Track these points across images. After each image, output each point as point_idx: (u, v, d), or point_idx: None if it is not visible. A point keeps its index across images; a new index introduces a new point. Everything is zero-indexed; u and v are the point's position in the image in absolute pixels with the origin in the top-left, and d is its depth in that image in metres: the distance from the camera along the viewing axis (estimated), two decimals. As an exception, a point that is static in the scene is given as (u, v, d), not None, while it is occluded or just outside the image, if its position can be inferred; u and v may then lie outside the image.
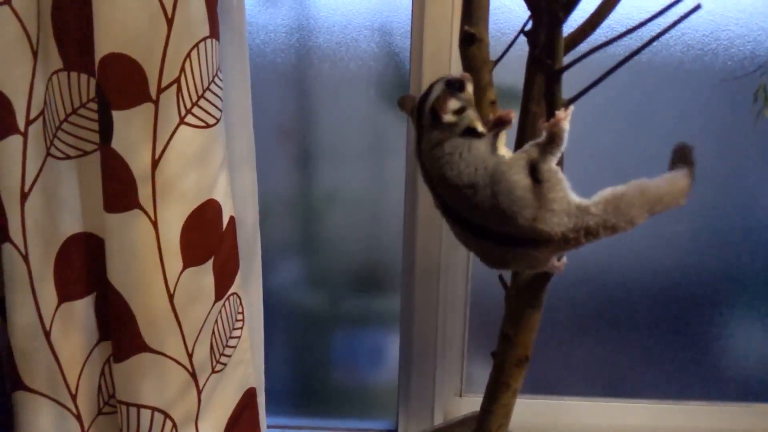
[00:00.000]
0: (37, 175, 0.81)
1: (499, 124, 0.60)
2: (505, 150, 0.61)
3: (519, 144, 0.66)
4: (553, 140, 0.57)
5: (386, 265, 1.19)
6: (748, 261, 1.17)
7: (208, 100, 0.81)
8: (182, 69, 0.78)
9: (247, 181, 0.94)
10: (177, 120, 0.79)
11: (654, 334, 1.20)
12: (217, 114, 0.82)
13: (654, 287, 1.18)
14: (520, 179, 0.57)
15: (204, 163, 0.82)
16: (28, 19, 0.78)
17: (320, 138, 1.13)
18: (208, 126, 0.81)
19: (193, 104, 0.80)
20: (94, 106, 0.82)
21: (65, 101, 0.82)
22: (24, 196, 0.80)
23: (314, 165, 1.14)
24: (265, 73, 1.07)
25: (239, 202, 0.92)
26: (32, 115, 0.80)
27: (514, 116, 0.61)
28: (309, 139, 1.13)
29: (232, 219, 0.88)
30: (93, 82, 0.82)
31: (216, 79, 0.82)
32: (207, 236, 0.84)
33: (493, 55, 0.69)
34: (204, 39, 0.79)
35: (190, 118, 0.80)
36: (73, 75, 0.82)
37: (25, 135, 0.79)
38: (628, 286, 1.18)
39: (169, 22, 0.76)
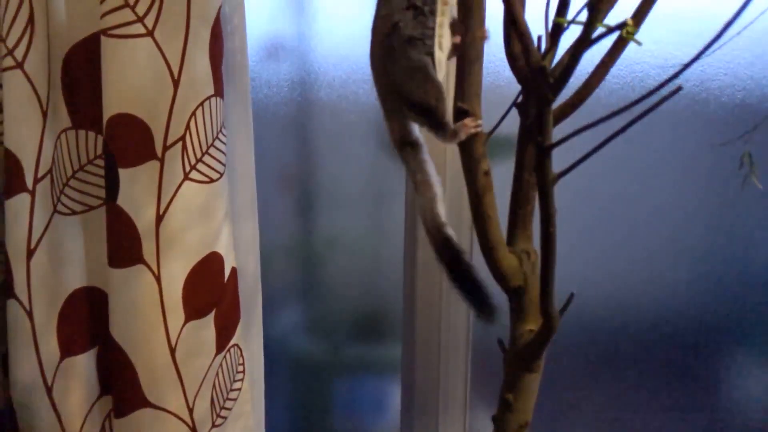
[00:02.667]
0: (44, 232, 0.82)
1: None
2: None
3: (513, 213, 0.68)
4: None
5: (387, 313, 1.19)
6: (747, 307, 1.17)
7: (212, 156, 0.83)
8: (187, 127, 0.80)
9: (248, 232, 0.95)
10: (182, 176, 0.81)
11: (656, 382, 1.20)
12: (220, 169, 0.84)
13: (655, 335, 1.18)
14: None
15: (207, 217, 0.83)
16: (39, 81, 0.80)
17: (321, 187, 1.15)
18: (211, 181, 0.83)
19: (198, 160, 0.82)
20: (100, 162, 0.84)
21: (73, 158, 0.84)
22: (30, 253, 0.81)
23: (315, 213, 1.16)
24: (267, 125, 1.10)
25: (241, 252, 0.93)
26: (40, 174, 0.81)
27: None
28: (310, 187, 1.15)
29: (233, 270, 0.89)
30: (100, 139, 0.84)
31: (220, 135, 0.84)
32: (209, 289, 0.85)
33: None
34: (209, 97, 0.81)
35: (194, 174, 0.82)
36: (81, 133, 0.84)
37: (32, 193, 0.81)
38: (629, 333, 1.18)
39: (176, 82, 0.79)
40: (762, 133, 0.89)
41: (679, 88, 0.43)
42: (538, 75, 0.48)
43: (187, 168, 0.81)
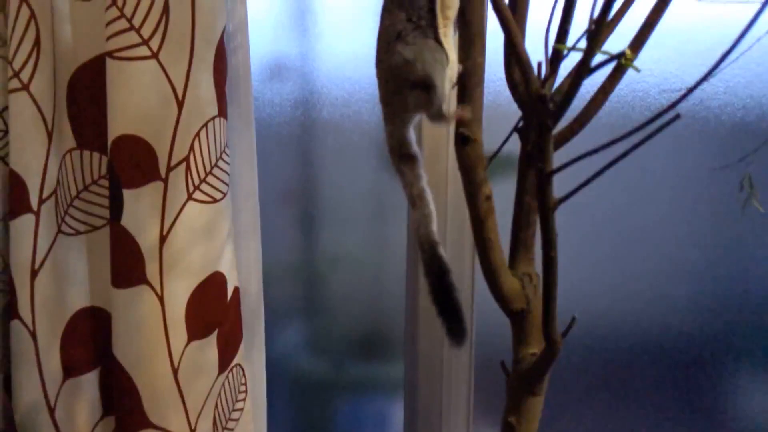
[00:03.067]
0: (48, 252, 0.82)
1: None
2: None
3: (514, 236, 0.68)
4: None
5: (389, 332, 1.19)
6: (747, 324, 1.17)
7: (215, 176, 0.84)
8: (191, 148, 0.81)
9: (251, 252, 0.95)
10: (185, 197, 0.81)
11: (658, 400, 1.19)
12: (223, 189, 0.85)
13: (657, 353, 1.18)
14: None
15: (210, 237, 0.84)
16: (45, 102, 0.81)
17: (323, 205, 1.15)
18: (215, 201, 0.84)
19: (201, 180, 0.82)
20: (105, 182, 0.85)
21: (77, 178, 0.85)
22: (34, 274, 0.81)
23: (317, 231, 1.16)
24: (270, 144, 1.11)
25: (243, 272, 0.93)
26: (45, 194, 0.82)
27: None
28: (312, 205, 1.15)
29: (236, 290, 0.89)
30: (104, 159, 0.84)
31: (223, 155, 0.85)
32: (212, 309, 0.85)
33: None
34: (213, 118, 0.82)
35: (197, 194, 0.82)
36: (86, 153, 0.85)
37: (37, 213, 0.81)
38: (631, 351, 1.18)
39: (180, 103, 0.79)
40: (763, 151, 0.90)
41: (678, 116, 0.43)
42: (538, 103, 0.49)
43: (191, 188, 0.82)
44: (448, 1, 0.66)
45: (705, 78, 0.44)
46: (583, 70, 0.44)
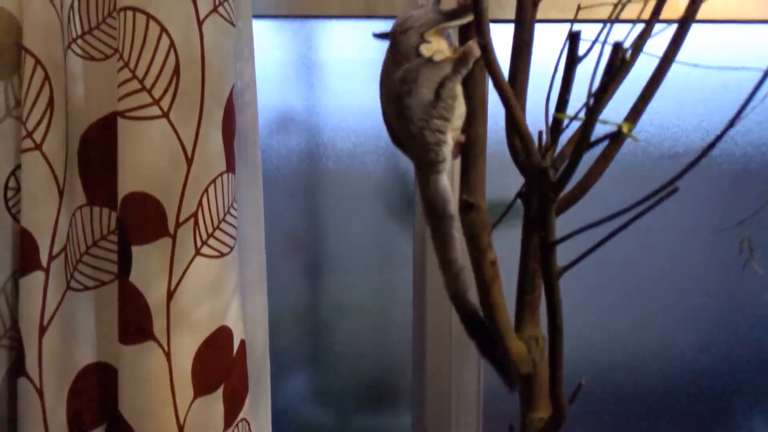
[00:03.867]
0: (56, 309, 0.83)
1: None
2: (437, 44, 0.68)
3: (520, 299, 0.68)
4: (465, 59, 0.65)
5: (396, 381, 1.18)
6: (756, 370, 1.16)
7: (223, 230, 0.84)
8: (200, 203, 0.82)
9: (257, 304, 0.95)
10: (193, 252, 0.82)
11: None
12: (231, 243, 0.85)
13: (666, 402, 1.17)
14: (426, 93, 0.65)
15: (217, 292, 0.84)
16: (57, 161, 0.82)
17: (329, 255, 1.16)
18: (222, 255, 0.84)
19: (209, 236, 0.83)
20: (113, 237, 0.86)
21: (87, 234, 0.86)
22: (42, 330, 0.81)
23: (323, 280, 1.17)
24: (277, 193, 1.12)
25: (250, 324, 0.93)
26: (55, 251, 0.83)
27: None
28: (318, 255, 1.16)
29: (242, 343, 0.89)
30: (114, 214, 0.86)
31: (231, 209, 0.86)
32: (218, 364, 0.85)
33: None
34: (221, 174, 0.83)
35: (205, 249, 0.83)
36: (95, 209, 0.86)
37: (47, 270, 0.82)
38: (642, 396, 1.16)
39: (189, 161, 0.81)
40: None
41: (676, 189, 0.44)
42: (540, 176, 0.50)
43: (199, 243, 0.82)
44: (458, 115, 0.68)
45: (713, 144, 0.45)
46: (582, 144, 0.46)
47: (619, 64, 0.41)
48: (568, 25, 0.54)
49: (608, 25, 0.59)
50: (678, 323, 1.16)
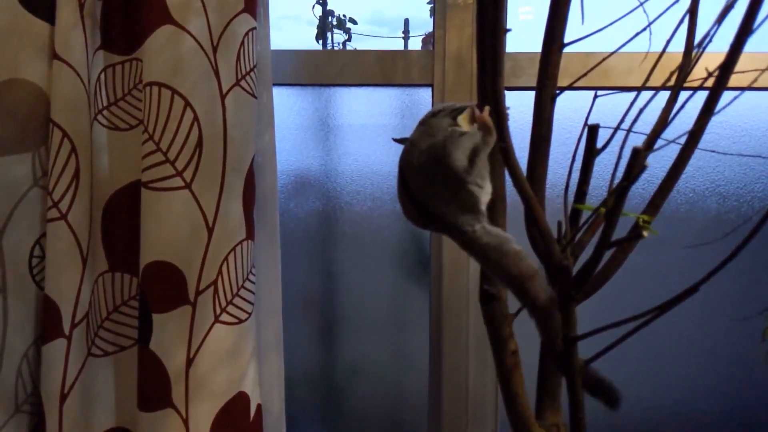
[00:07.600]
0: (77, 376, 0.84)
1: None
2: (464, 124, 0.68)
3: (540, 386, 0.68)
4: (487, 132, 0.66)
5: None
6: None
7: (241, 297, 0.85)
8: (219, 272, 0.83)
9: (273, 367, 0.95)
10: (212, 319, 0.83)
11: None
12: (249, 309, 0.86)
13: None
14: (461, 158, 0.65)
15: (236, 357, 0.84)
16: (81, 231, 0.84)
17: (344, 315, 1.16)
18: (240, 321, 0.85)
19: (228, 302, 0.84)
20: (134, 303, 0.87)
21: (108, 300, 0.87)
22: (63, 398, 0.82)
23: (339, 341, 1.17)
24: (294, 255, 1.13)
25: (266, 388, 0.93)
26: (77, 318, 0.84)
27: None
28: (334, 316, 1.16)
29: (259, 407, 0.89)
30: (135, 280, 0.87)
31: (250, 275, 0.87)
32: (235, 430, 0.84)
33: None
34: (240, 242, 0.85)
35: (224, 316, 0.84)
36: (117, 275, 0.87)
37: (69, 338, 0.83)
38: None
39: (210, 230, 0.82)
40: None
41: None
42: (560, 274, 0.50)
43: (218, 311, 0.83)
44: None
45: (742, 246, 0.46)
46: (603, 245, 0.46)
47: (638, 171, 0.42)
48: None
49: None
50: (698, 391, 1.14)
